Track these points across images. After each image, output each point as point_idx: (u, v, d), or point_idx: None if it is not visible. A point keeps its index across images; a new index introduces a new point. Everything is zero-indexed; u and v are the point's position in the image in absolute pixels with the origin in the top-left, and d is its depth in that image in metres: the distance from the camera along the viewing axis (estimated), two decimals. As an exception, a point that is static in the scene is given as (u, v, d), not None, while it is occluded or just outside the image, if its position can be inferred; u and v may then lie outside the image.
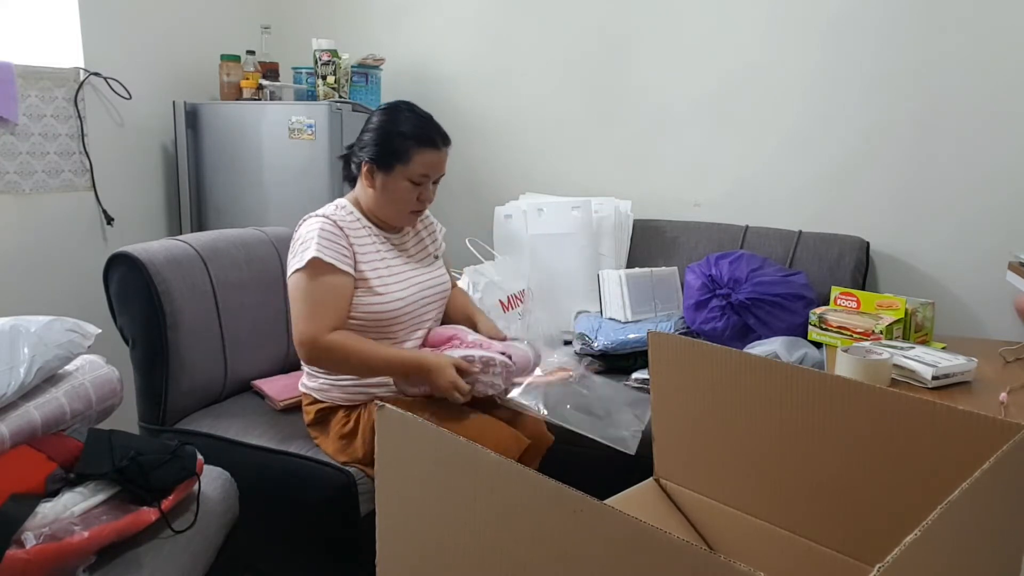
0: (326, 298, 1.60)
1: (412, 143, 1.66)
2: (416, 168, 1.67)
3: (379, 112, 1.73)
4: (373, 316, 1.67)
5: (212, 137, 2.67)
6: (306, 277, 1.60)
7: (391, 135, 1.67)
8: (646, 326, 2.28)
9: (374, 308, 1.67)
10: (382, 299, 1.68)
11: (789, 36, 2.46)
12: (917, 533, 0.61)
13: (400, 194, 1.69)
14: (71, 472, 1.27)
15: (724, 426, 1.14)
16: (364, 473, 1.65)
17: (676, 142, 2.66)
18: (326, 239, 1.62)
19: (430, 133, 1.68)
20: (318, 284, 1.60)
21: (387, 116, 1.71)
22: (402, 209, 1.73)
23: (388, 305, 1.68)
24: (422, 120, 1.70)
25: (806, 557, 1.07)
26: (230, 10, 2.99)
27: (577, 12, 2.73)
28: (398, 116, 1.70)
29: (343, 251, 1.63)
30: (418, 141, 1.66)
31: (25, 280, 2.30)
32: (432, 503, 0.80)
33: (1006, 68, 2.22)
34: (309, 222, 1.68)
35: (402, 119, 1.69)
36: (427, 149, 1.67)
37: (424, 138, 1.67)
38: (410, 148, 1.66)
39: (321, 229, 1.63)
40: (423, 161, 1.67)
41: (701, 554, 0.59)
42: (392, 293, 1.70)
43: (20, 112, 2.23)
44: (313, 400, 1.76)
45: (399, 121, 1.69)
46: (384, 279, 1.70)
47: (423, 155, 1.67)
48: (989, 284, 2.28)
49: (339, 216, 1.69)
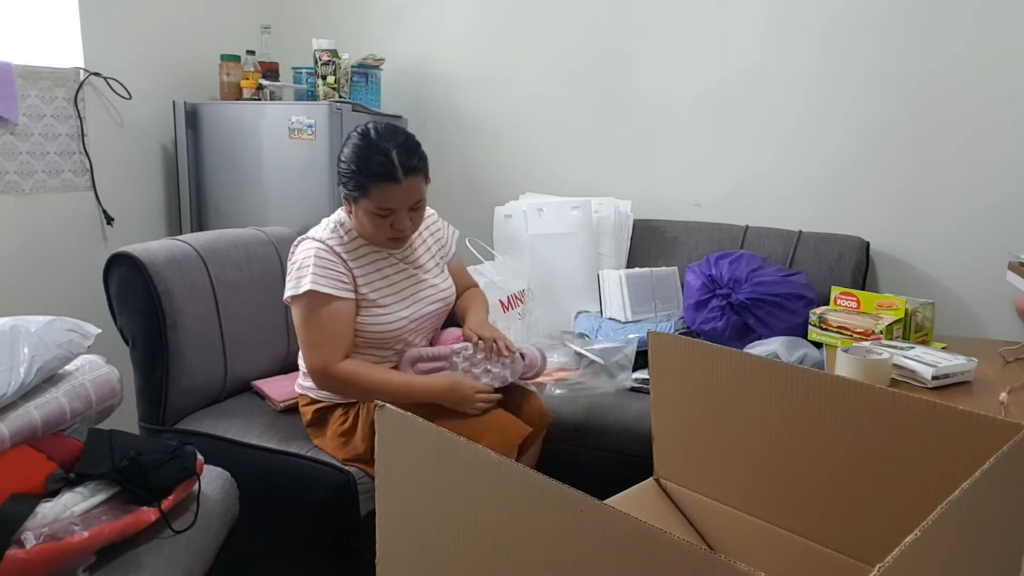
0: (329, 327, 1.61)
1: (371, 179, 1.58)
2: (376, 201, 1.60)
3: (348, 142, 1.65)
4: (376, 333, 1.69)
5: (212, 137, 2.67)
6: (306, 308, 1.61)
7: (352, 171, 1.60)
8: (646, 326, 2.28)
9: (376, 327, 1.68)
10: (384, 318, 1.68)
11: (789, 36, 2.46)
12: (917, 533, 0.61)
13: (371, 224, 1.64)
14: (71, 472, 1.27)
15: (724, 426, 1.14)
16: (364, 472, 1.66)
17: (676, 142, 2.66)
18: (321, 267, 1.61)
19: (386, 168, 1.57)
20: (318, 315, 1.61)
21: (351, 149, 1.62)
22: (379, 238, 1.67)
23: (391, 325, 1.69)
24: (383, 153, 1.58)
25: (806, 557, 1.07)
26: (230, 10, 2.99)
27: (577, 12, 2.73)
28: (361, 150, 1.60)
29: (341, 276, 1.63)
30: (377, 177, 1.58)
31: (25, 280, 2.30)
32: (432, 503, 0.80)
33: (1006, 68, 2.22)
34: (304, 246, 1.66)
35: (364, 152, 1.59)
36: (383, 183, 1.58)
37: (383, 174, 1.57)
38: (369, 184, 1.58)
39: (316, 256, 1.62)
40: (383, 196, 1.59)
41: (701, 554, 0.59)
42: (394, 312, 1.70)
43: (20, 112, 2.23)
44: (310, 400, 1.76)
45: (360, 156, 1.60)
46: (386, 297, 1.70)
47: (383, 190, 1.58)
48: (989, 284, 2.28)
49: (336, 238, 1.67)
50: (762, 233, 2.48)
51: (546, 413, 1.81)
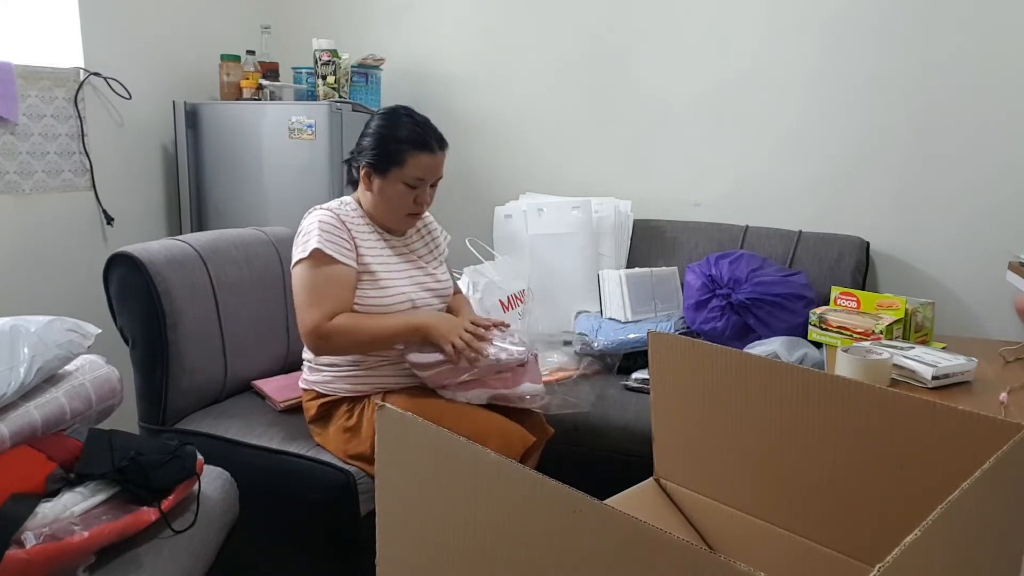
0: (327, 287, 1.63)
1: (407, 147, 1.68)
2: (411, 171, 1.69)
3: (377, 116, 1.75)
4: (375, 309, 1.69)
5: (212, 137, 2.67)
6: (308, 268, 1.64)
7: (387, 139, 1.69)
8: (646, 326, 2.28)
9: (376, 300, 1.69)
10: (384, 292, 1.70)
11: (789, 36, 2.46)
12: (917, 533, 0.61)
13: (397, 197, 1.71)
14: (71, 472, 1.27)
15: (724, 426, 1.14)
16: (365, 472, 1.65)
17: (676, 142, 2.66)
18: (327, 231, 1.65)
19: (426, 137, 1.69)
20: (319, 273, 1.63)
21: (384, 120, 1.72)
22: (399, 212, 1.75)
23: (390, 299, 1.71)
24: (418, 124, 1.71)
25: (806, 557, 1.07)
26: (230, 10, 2.99)
27: (577, 12, 2.73)
28: (395, 121, 1.71)
29: (344, 244, 1.66)
30: (413, 145, 1.68)
31: (25, 280, 2.30)
32: (432, 503, 0.80)
33: (1006, 68, 2.22)
34: (313, 215, 1.72)
35: (399, 124, 1.70)
36: (422, 153, 1.68)
37: (419, 142, 1.68)
38: (405, 152, 1.68)
39: (322, 222, 1.66)
40: (418, 164, 1.69)
41: (701, 554, 0.59)
42: (395, 287, 1.72)
43: (20, 112, 2.23)
44: (316, 395, 1.76)
45: (395, 126, 1.70)
46: (388, 272, 1.73)
47: (418, 159, 1.68)
48: (989, 284, 2.28)
49: (343, 211, 1.73)
50: (762, 233, 2.48)
51: (547, 427, 1.82)
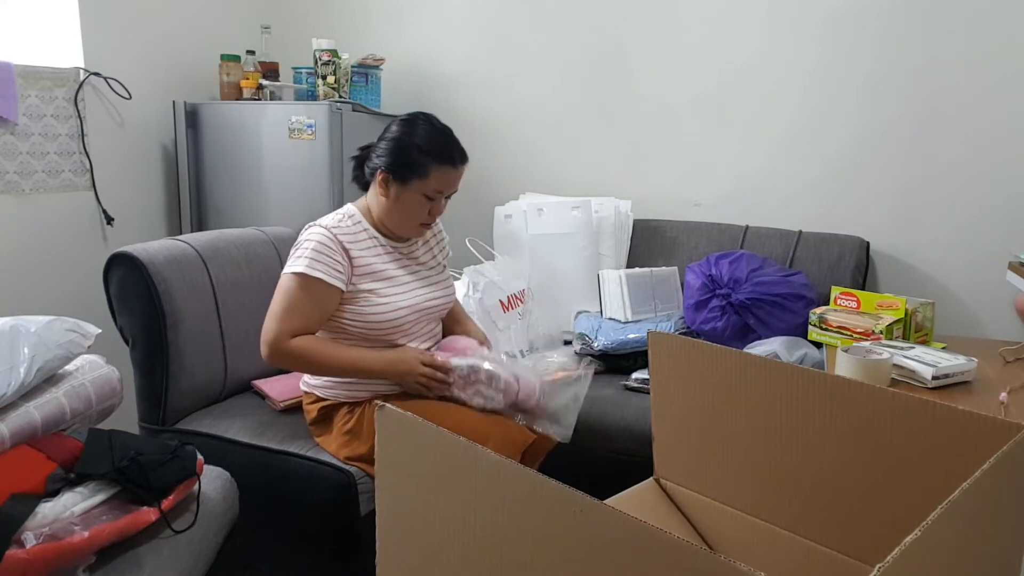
0: (300, 306, 1.62)
1: (431, 159, 1.66)
2: (432, 184, 1.67)
3: (399, 122, 1.71)
4: (374, 324, 1.68)
5: (212, 137, 2.67)
6: (289, 283, 1.64)
7: (410, 148, 1.66)
8: (646, 326, 2.28)
9: (375, 316, 1.68)
10: (383, 308, 1.68)
11: (789, 36, 2.46)
12: (917, 533, 0.61)
13: (413, 207, 1.70)
14: (71, 472, 1.27)
15: (724, 426, 1.14)
16: (366, 472, 1.65)
17: (676, 142, 2.66)
18: (320, 252, 1.63)
19: (450, 150, 1.68)
20: (298, 292, 1.62)
21: (408, 128, 1.69)
22: (412, 222, 1.73)
23: (389, 314, 1.69)
24: (442, 136, 1.69)
25: (806, 557, 1.07)
26: (230, 10, 2.99)
27: (577, 12, 2.73)
28: (419, 129, 1.68)
29: (336, 265, 1.64)
30: (437, 157, 1.66)
31: (25, 280, 2.30)
32: (432, 503, 0.80)
33: (1006, 68, 2.22)
34: (311, 231, 1.69)
35: (423, 132, 1.68)
36: (445, 166, 1.67)
37: (444, 155, 1.67)
38: (428, 163, 1.65)
39: (317, 242, 1.64)
40: (440, 177, 1.67)
41: (701, 554, 0.59)
42: (394, 301, 1.70)
43: (20, 112, 2.23)
44: (316, 398, 1.76)
45: (420, 134, 1.67)
46: (387, 287, 1.71)
47: (441, 172, 1.67)
48: (989, 284, 2.28)
49: (342, 228, 1.69)
50: (762, 233, 2.48)
51: (553, 436, 1.79)
